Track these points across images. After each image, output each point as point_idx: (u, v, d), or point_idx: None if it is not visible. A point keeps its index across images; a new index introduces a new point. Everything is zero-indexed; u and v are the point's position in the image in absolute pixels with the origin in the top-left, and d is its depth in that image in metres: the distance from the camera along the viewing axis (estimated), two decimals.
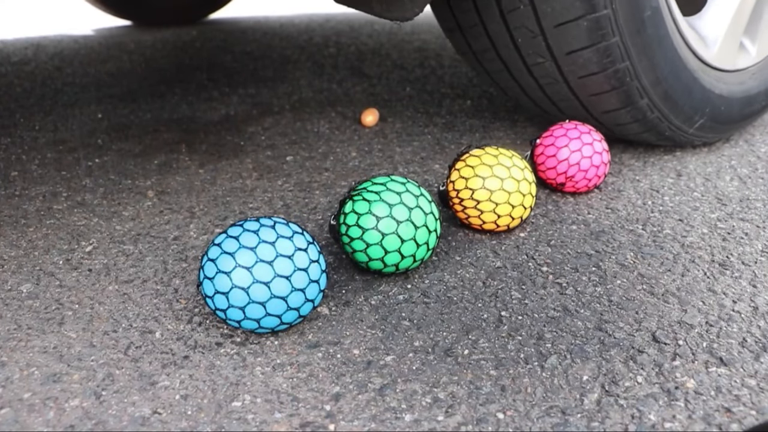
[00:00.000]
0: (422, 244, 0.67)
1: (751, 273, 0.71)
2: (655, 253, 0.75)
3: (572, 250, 0.76)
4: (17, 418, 0.51)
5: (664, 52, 0.91)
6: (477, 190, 0.75)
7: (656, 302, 0.65)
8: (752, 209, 0.86)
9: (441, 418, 0.51)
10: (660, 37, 0.89)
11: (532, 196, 0.77)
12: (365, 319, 0.63)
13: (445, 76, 1.55)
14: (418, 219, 0.66)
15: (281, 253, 0.56)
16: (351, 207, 0.66)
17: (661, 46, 0.90)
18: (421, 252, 0.67)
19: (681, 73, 0.94)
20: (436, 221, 0.68)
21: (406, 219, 0.65)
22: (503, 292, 0.68)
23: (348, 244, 0.67)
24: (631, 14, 0.85)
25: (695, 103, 0.97)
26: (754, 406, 0.52)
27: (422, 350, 0.59)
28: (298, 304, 0.57)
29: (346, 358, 0.58)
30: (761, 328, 0.61)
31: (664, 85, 0.92)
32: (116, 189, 0.93)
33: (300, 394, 0.53)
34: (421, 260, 0.68)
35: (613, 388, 0.54)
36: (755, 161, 1.02)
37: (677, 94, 0.94)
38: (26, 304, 0.66)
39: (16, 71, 1.63)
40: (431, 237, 0.67)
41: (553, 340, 0.60)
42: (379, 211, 0.65)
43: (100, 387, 0.54)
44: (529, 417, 0.51)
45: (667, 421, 0.50)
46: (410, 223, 0.65)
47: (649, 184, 0.93)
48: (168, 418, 0.51)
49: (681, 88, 0.94)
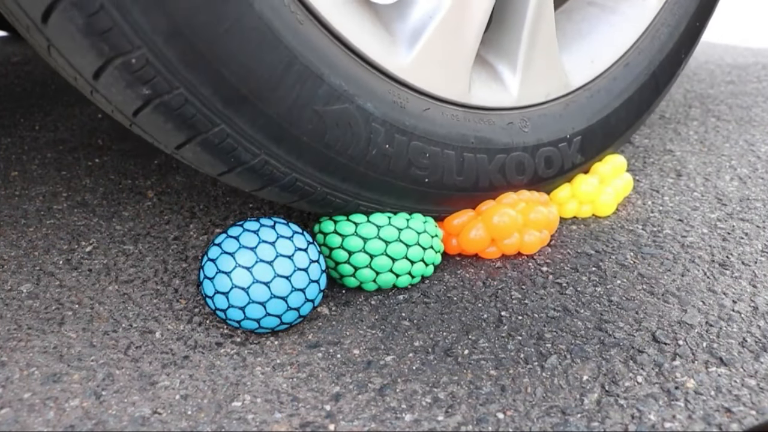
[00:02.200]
0: (417, 261, 0.67)
1: (751, 273, 0.71)
2: (655, 253, 0.75)
3: (572, 250, 0.76)
4: (17, 418, 0.51)
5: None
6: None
7: (656, 302, 0.66)
8: (752, 209, 0.86)
9: (441, 418, 0.51)
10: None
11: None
12: (365, 319, 0.63)
13: None
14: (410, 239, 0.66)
15: (281, 253, 0.56)
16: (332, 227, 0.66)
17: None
18: (417, 269, 0.67)
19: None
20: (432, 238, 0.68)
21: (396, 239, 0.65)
22: (503, 292, 0.68)
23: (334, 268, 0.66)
24: None
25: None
26: (754, 406, 0.52)
27: (422, 350, 0.59)
28: (298, 304, 0.57)
29: (346, 358, 0.58)
30: (761, 328, 0.61)
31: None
32: (116, 189, 0.93)
33: (300, 394, 0.53)
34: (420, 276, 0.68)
35: (613, 388, 0.54)
36: (755, 161, 1.02)
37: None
38: (26, 304, 0.66)
39: (16, 71, 1.63)
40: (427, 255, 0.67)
41: (553, 340, 0.60)
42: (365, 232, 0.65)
43: (100, 387, 0.54)
44: (529, 417, 0.51)
45: (667, 421, 0.50)
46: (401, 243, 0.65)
47: (649, 184, 0.93)
48: (168, 418, 0.51)
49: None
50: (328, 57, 0.57)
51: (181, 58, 0.49)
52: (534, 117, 0.75)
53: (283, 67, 0.54)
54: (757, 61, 1.65)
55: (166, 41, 0.48)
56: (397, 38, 0.63)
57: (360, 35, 0.59)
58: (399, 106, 0.63)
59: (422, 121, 0.65)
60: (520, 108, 0.74)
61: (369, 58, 0.60)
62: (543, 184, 0.77)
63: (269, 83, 0.54)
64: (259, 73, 0.53)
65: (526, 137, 0.74)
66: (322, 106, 0.57)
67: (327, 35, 0.57)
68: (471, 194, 0.71)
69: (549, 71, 0.76)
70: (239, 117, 0.54)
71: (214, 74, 0.51)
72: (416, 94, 0.65)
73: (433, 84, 0.65)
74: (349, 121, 0.59)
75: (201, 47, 0.50)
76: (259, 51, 0.52)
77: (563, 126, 0.77)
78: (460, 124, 0.68)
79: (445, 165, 0.68)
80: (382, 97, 0.61)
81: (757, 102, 1.31)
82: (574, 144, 0.78)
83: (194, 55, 0.50)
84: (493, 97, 0.72)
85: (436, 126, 0.66)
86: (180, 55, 0.49)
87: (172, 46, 0.49)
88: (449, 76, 0.67)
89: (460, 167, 0.69)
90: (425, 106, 0.65)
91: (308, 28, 0.55)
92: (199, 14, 0.49)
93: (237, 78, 0.52)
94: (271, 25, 0.52)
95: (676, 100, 1.34)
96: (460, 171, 0.69)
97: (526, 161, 0.74)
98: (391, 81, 0.62)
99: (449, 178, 0.68)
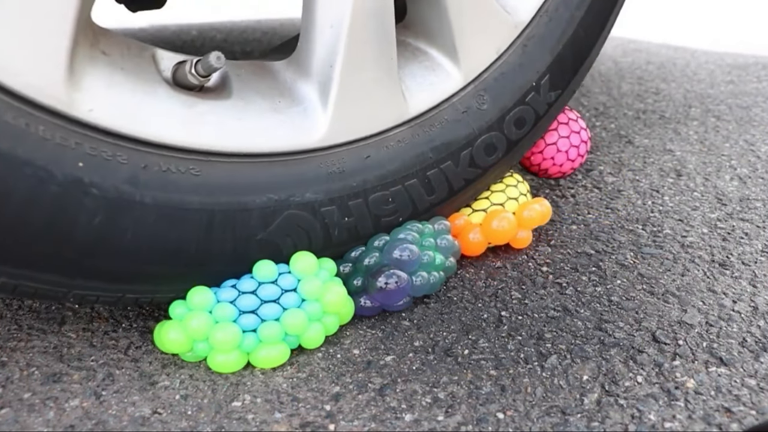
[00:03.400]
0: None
1: (751, 273, 0.71)
2: (655, 253, 0.75)
3: (572, 250, 0.76)
4: (17, 418, 0.51)
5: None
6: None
7: (656, 302, 0.66)
8: (752, 209, 0.86)
9: (441, 418, 0.51)
10: None
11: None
12: (365, 319, 0.63)
13: None
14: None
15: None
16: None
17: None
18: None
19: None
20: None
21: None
22: (503, 292, 0.68)
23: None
24: None
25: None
26: (754, 406, 0.52)
27: (422, 350, 0.59)
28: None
29: (346, 358, 0.58)
30: (761, 328, 0.61)
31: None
32: None
33: (300, 394, 0.53)
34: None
35: (613, 388, 0.54)
36: (755, 161, 1.02)
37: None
38: (26, 304, 0.66)
39: None
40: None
41: (553, 340, 0.60)
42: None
43: (100, 387, 0.54)
44: (529, 417, 0.51)
45: (667, 421, 0.50)
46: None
47: (649, 184, 0.93)
48: (168, 418, 0.51)
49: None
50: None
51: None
52: (491, 83, 0.66)
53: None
54: (757, 61, 1.65)
55: None
56: (308, 106, 0.58)
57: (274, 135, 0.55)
58: (337, 173, 0.58)
59: (369, 171, 0.60)
60: (474, 81, 0.65)
61: (285, 151, 0.56)
62: (518, 148, 0.71)
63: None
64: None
65: (487, 113, 0.66)
66: (263, 232, 0.55)
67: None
68: (450, 201, 0.68)
69: (492, 18, 0.66)
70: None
71: None
72: (351, 148, 0.59)
73: (363, 126, 0.60)
74: (299, 223, 0.57)
75: None
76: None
77: (527, 73, 0.68)
78: (409, 145, 0.62)
79: (413, 194, 0.63)
80: (316, 179, 0.57)
81: (757, 102, 1.31)
82: (543, 86, 0.70)
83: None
84: (439, 90, 0.64)
85: (385, 165, 0.61)
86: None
87: None
88: (377, 106, 0.60)
89: (429, 188, 0.64)
90: (365, 154, 0.60)
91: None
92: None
93: None
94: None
95: (676, 100, 1.34)
96: (430, 191, 0.65)
97: (495, 139, 0.67)
98: (314, 154, 0.58)
99: (422, 203, 0.65)
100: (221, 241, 0.54)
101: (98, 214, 0.48)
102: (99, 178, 0.48)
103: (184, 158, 0.52)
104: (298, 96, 0.58)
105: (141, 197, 0.49)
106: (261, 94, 0.57)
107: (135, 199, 0.49)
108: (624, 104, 1.31)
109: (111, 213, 0.49)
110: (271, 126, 0.56)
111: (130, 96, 0.50)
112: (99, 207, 0.48)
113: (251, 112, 0.56)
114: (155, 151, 0.50)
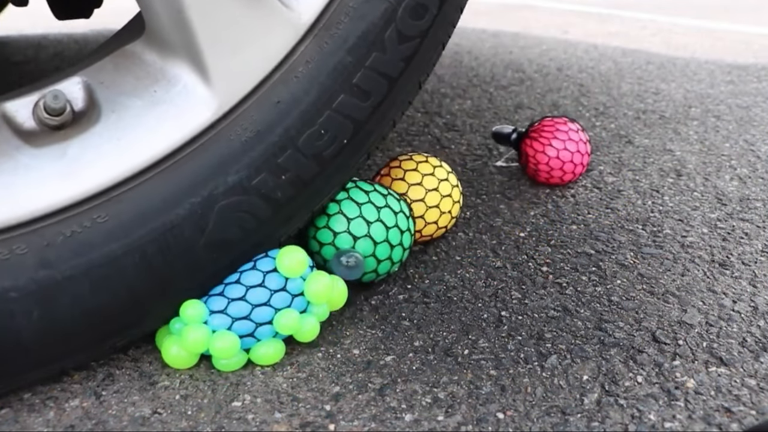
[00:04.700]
0: (396, 245, 0.65)
1: (751, 273, 0.71)
2: (654, 253, 0.75)
3: (572, 250, 0.76)
4: (17, 418, 0.51)
5: None
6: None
7: (656, 302, 0.66)
8: (752, 209, 0.86)
9: (441, 418, 0.51)
10: None
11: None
12: (365, 319, 0.63)
13: (445, 75, 1.55)
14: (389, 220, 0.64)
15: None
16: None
17: None
18: (396, 253, 0.66)
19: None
20: (407, 220, 0.66)
21: (376, 219, 0.64)
22: (503, 292, 0.68)
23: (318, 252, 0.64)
24: None
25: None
26: (754, 406, 0.52)
27: (422, 350, 0.59)
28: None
29: (346, 358, 0.58)
30: (761, 328, 0.61)
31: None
32: None
33: (300, 394, 0.53)
34: (399, 262, 0.67)
35: (613, 388, 0.54)
36: (755, 161, 1.02)
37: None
38: None
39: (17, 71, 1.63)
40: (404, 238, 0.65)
41: (553, 340, 0.60)
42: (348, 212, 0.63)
43: (100, 387, 0.54)
44: (529, 417, 0.51)
45: (667, 420, 0.50)
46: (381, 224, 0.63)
47: (649, 184, 0.93)
48: (168, 418, 0.51)
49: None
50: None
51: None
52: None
53: None
54: (757, 61, 1.65)
55: None
56: (186, 80, 0.49)
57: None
58: (253, 137, 0.51)
59: (286, 115, 0.51)
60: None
61: (184, 143, 0.50)
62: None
63: None
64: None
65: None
66: (203, 237, 0.52)
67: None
68: (391, 97, 0.57)
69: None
70: None
71: None
72: (254, 100, 0.51)
73: (256, 66, 0.50)
74: (236, 210, 0.51)
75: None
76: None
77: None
78: (321, 61, 0.51)
79: (348, 111, 0.54)
80: (232, 156, 0.50)
81: (757, 102, 1.31)
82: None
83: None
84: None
85: (302, 99, 0.51)
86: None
87: None
88: (260, 35, 0.49)
89: (363, 94, 0.54)
90: (274, 99, 0.51)
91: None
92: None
93: None
94: None
95: (676, 100, 1.34)
96: (365, 96, 0.54)
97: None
98: (217, 128, 0.50)
99: (362, 112, 0.56)
100: (168, 265, 0.50)
101: (32, 310, 0.45)
102: (10, 280, 0.45)
103: (82, 212, 0.47)
104: (171, 74, 0.49)
105: (62, 274, 0.46)
106: (132, 94, 0.49)
107: (58, 279, 0.46)
108: (624, 104, 1.31)
109: (44, 303, 0.46)
110: (156, 124, 0.49)
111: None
112: (29, 304, 0.45)
113: (127, 121, 0.48)
114: (49, 222, 0.46)
